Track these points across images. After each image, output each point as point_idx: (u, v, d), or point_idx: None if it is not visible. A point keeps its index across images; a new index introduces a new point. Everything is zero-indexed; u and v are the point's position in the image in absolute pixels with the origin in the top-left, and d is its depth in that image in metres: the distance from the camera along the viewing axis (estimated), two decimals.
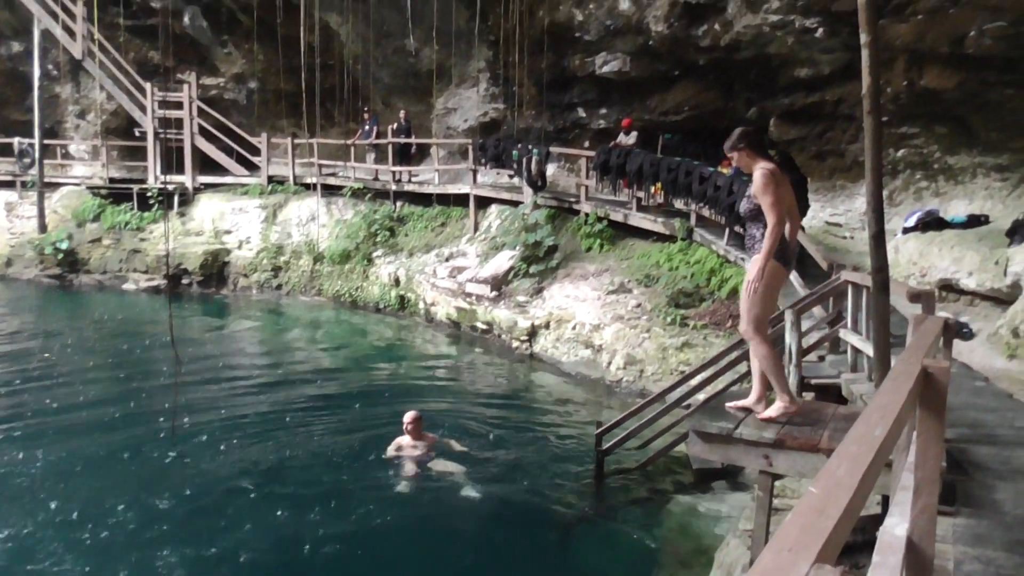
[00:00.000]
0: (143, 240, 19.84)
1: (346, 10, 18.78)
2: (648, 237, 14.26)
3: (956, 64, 10.47)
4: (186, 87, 21.00)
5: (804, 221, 11.34)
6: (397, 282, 16.90)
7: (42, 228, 20.44)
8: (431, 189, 18.89)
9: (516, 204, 16.57)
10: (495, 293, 14.66)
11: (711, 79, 14.95)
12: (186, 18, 21.30)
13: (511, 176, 17.32)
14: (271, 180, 20.82)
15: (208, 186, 21.08)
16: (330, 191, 19.98)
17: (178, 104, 20.82)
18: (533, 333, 13.41)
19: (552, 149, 16.57)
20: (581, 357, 12.48)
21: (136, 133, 21.70)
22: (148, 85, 20.86)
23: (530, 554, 6.79)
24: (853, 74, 12.04)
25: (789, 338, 7.28)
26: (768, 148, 10.49)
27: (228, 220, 20.01)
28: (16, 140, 21.65)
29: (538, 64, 16.60)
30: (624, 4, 14.56)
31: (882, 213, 4.49)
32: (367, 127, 20.08)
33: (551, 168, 17.26)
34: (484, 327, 14.49)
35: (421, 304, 16.13)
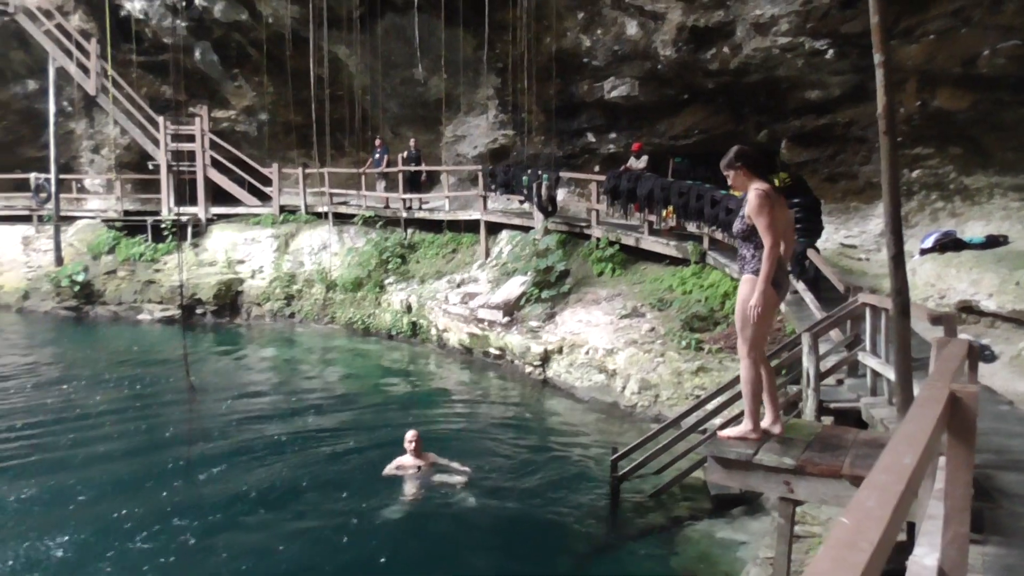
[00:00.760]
0: (157, 271, 19.96)
1: (354, 42, 19.00)
2: (660, 261, 14.20)
3: (969, 84, 10.43)
4: (198, 120, 21.25)
5: (819, 243, 11.27)
6: (409, 309, 16.89)
7: (59, 261, 20.63)
8: (442, 216, 18.95)
9: (527, 229, 16.58)
10: (507, 319, 14.61)
11: (720, 102, 14.97)
12: (197, 53, 21.61)
13: (521, 202, 17.34)
14: (283, 210, 20.95)
15: (221, 217, 21.23)
16: (341, 220, 20.07)
17: (190, 137, 21.04)
18: (546, 358, 13.33)
19: (562, 174, 16.60)
20: (595, 382, 12.38)
21: (149, 166, 21.94)
22: (160, 119, 21.11)
23: None
24: (863, 96, 12.07)
25: (807, 362, 7.19)
26: (768, 169, 10.46)
27: (241, 250, 20.12)
28: (33, 175, 21.95)
29: (546, 90, 16.70)
30: (631, 29, 14.65)
31: (901, 234, 4.42)
32: (377, 155, 20.21)
33: (561, 193, 17.29)
34: (497, 353, 14.42)
35: (433, 330, 16.09)
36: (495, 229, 17.69)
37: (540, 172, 16.04)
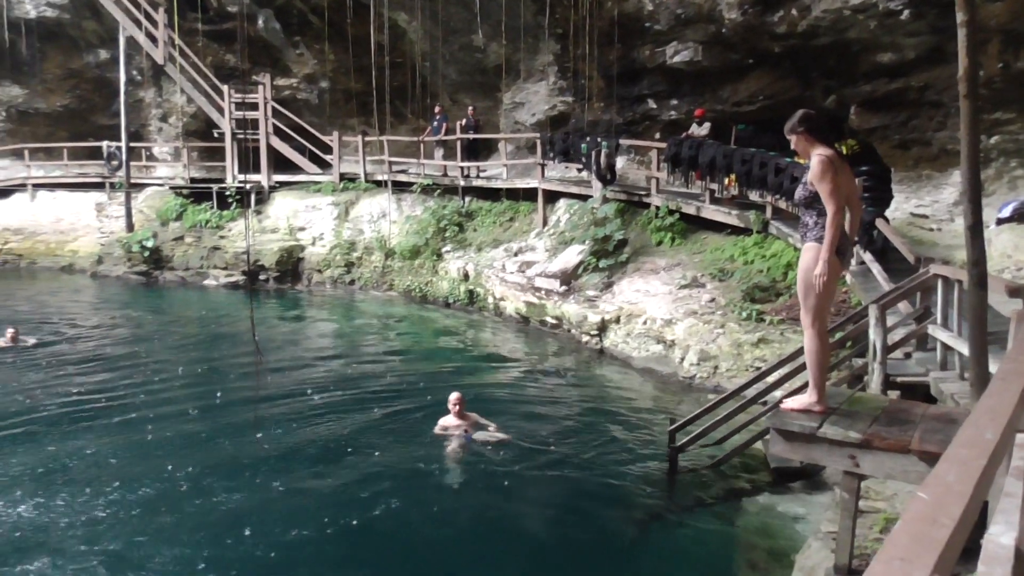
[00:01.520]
0: (222, 238, 20.49)
1: (414, 8, 18.95)
2: (721, 230, 13.95)
3: None
4: (261, 88, 21.57)
5: (887, 212, 10.91)
6: (466, 277, 16.99)
7: (129, 227, 21.36)
8: (499, 184, 18.92)
9: (585, 198, 16.45)
10: (564, 288, 14.58)
11: (786, 67, 14.51)
12: (260, 21, 21.87)
13: (579, 170, 17.18)
14: (343, 178, 21.21)
15: (283, 184, 21.62)
16: (400, 188, 20.22)
17: (253, 105, 21.38)
18: (603, 328, 13.28)
19: (621, 141, 16.36)
20: (652, 352, 12.29)
21: (215, 134, 22.41)
22: (225, 88, 21.51)
23: (600, 547, 6.71)
24: (940, 58, 11.55)
25: (873, 334, 7.01)
26: (838, 138, 10.11)
27: (302, 217, 20.48)
28: (105, 144, 22.69)
29: (607, 56, 16.42)
30: None
31: (979, 204, 4.25)
32: (436, 123, 20.23)
33: (620, 161, 17.06)
34: (553, 322, 14.43)
35: (490, 299, 16.17)
36: (553, 197, 17.59)
37: (599, 139, 15.85)
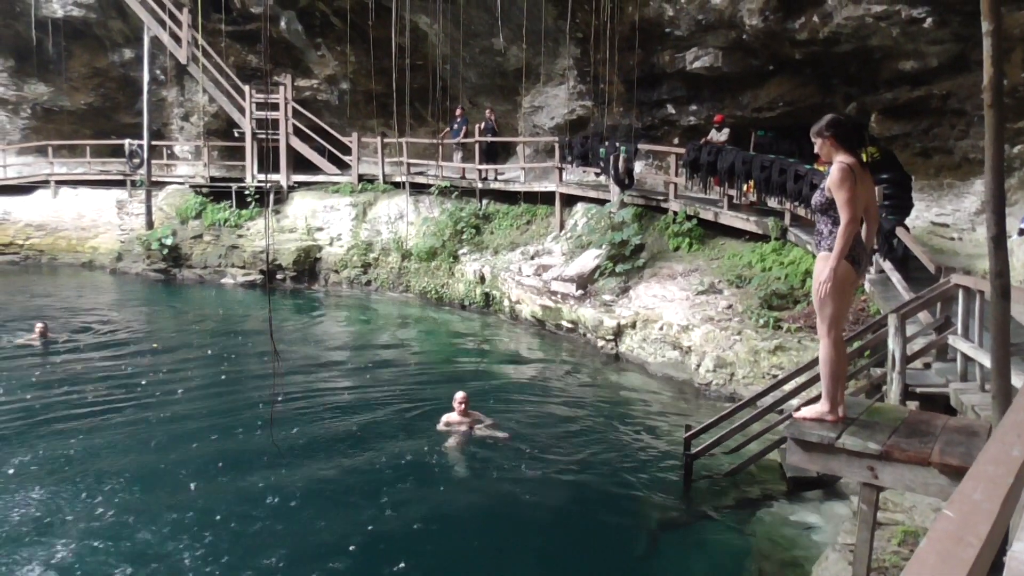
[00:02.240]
0: (240, 236, 20.63)
1: (436, 11, 19.01)
2: (739, 236, 13.89)
3: None
4: (282, 89, 21.70)
5: (908, 221, 10.83)
6: (482, 279, 17.01)
7: (149, 225, 21.56)
8: (517, 187, 18.93)
9: (603, 202, 16.43)
10: (580, 292, 14.56)
11: (807, 74, 14.43)
12: (283, 23, 22.01)
13: (597, 174, 17.17)
14: (361, 179, 21.30)
15: (301, 184, 21.74)
16: (418, 189, 20.28)
17: (274, 106, 21.53)
18: (619, 333, 13.26)
19: (640, 146, 16.34)
20: (668, 358, 12.26)
21: (235, 134, 22.58)
22: (247, 88, 21.67)
23: (613, 553, 6.70)
24: (963, 66, 11.45)
25: (892, 344, 6.96)
26: (859, 145, 10.05)
27: (320, 218, 20.59)
28: (127, 141, 22.94)
29: (627, 61, 16.39)
30: None
31: (1003, 214, 4.19)
32: (455, 125, 20.28)
33: (639, 166, 17.03)
34: (569, 326, 14.42)
35: (506, 302, 16.18)
36: (570, 201, 17.59)
37: (618, 144, 15.83)
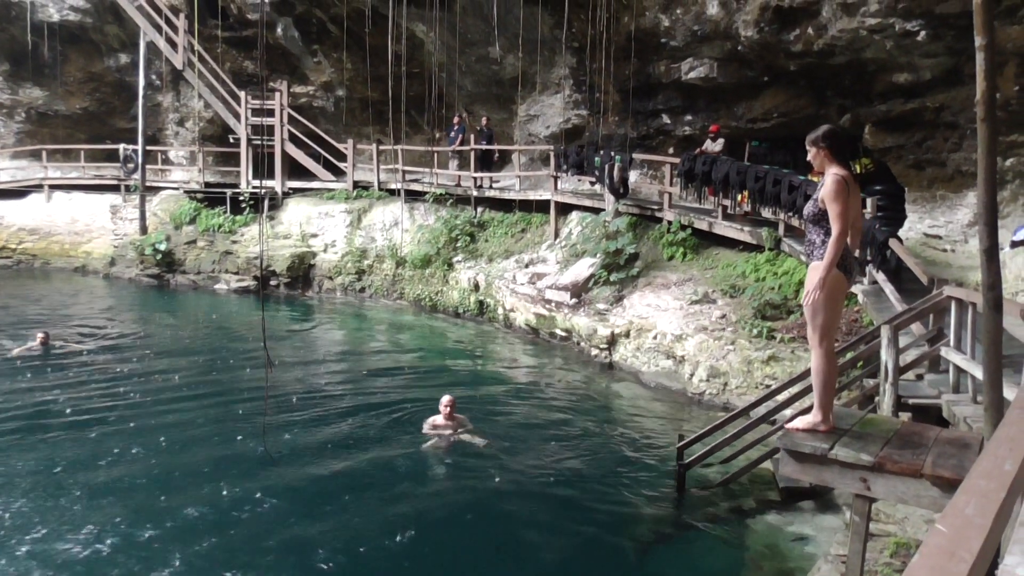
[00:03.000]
0: (234, 242, 20.60)
1: (432, 20, 19.06)
2: (734, 246, 13.92)
3: None
4: (278, 95, 21.72)
5: (900, 232, 10.87)
6: (477, 287, 17.01)
7: (143, 230, 21.50)
8: (512, 195, 18.96)
9: (597, 211, 16.46)
10: (574, 300, 14.57)
11: (802, 85, 14.50)
12: (279, 29, 22.04)
13: (592, 183, 17.21)
14: (356, 185, 21.30)
15: (296, 191, 21.73)
16: (413, 197, 20.29)
17: (270, 112, 21.51)
18: (612, 342, 13.26)
19: (635, 156, 16.39)
20: (662, 368, 12.26)
21: (231, 139, 22.57)
22: (242, 94, 21.68)
23: (605, 563, 6.68)
24: (957, 79, 11.52)
25: (885, 355, 6.98)
26: (851, 158, 10.06)
27: (315, 224, 20.57)
28: (122, 146, 22.92)
29: (622, 71, 16.45)
30: (712, 9, 14.28)
31: (995, 226, 4.21)
32: (453, 132, 20.31)
33: (633, 175, 17.07)
34: (563, 334, 14.41)
35: (500, 310, 16.17)
36: (565, 210, 17.62)
37: (613, 153, 15.87)
